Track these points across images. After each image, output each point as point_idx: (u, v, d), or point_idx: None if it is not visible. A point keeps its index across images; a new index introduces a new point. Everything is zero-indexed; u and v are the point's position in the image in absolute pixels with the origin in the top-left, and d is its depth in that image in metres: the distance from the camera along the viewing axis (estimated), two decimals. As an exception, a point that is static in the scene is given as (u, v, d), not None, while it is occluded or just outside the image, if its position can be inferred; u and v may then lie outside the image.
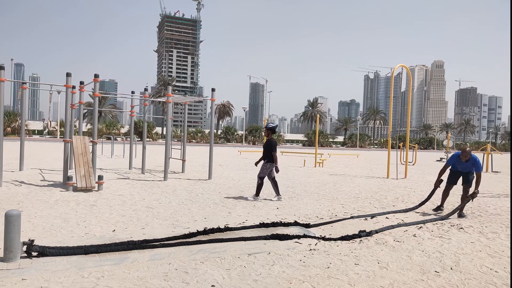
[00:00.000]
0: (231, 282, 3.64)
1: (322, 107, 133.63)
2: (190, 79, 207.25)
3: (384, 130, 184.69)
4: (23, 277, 3.55)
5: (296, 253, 4.60)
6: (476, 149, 79.42)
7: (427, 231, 5.84)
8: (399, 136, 46.16)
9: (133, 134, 15.82)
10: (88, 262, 4.01)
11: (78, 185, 8.62)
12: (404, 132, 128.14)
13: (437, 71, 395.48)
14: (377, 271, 4.05)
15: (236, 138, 75.56)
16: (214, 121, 21.83)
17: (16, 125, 58.45)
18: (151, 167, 15.04)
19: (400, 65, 14.90)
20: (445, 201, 7.74)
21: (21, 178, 10.41)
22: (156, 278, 3.67)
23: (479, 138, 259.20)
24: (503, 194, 10.60)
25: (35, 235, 4.93)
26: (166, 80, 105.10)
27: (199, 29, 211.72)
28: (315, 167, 18.59)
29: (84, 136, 10.06)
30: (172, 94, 12.52)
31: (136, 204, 7.44)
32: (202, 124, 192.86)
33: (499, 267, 4.28)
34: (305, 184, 11.69)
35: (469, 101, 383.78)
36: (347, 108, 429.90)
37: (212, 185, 10.70)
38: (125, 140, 33.61)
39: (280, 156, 29.79)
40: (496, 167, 21.26)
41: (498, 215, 7.36)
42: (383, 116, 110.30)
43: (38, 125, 76.87)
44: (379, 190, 10.59)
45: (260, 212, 7.02)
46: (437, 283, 3.76)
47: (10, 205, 6.71)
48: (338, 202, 8.41)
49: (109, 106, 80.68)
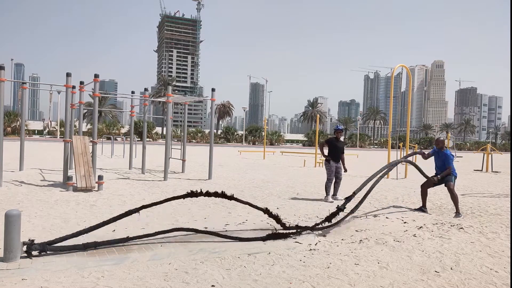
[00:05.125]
0: (231, 282, 3.64)
1: (322, 107, 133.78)
2: (190, 79, 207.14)
3: (384, 130, 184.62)
4: (23, 277, 3.55)
5: (296, 253, 4.60)
6: (476, 149, 79.43)
7: (427, 231, 5.84)
8: (399, 136, 46.21)
9: (133, 134, 15.81)
10: (88, 262, 4.01)
11: (78, 185, 8.62)
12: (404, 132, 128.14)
13: (437, 71, 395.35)
14: (377, 271, 4.05)
15: (236, 138, 75.57)
16: (214, 121, 21.84)
17: (16, 125, 58.48)
18: (151, 167, 15.04)
19: (400, 65, 14.90)
20: (426, 201, 7.67)
21: (21, 178, 10.41)
22: (156, 278, 3.67)
23: (479, 138, 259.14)
24: (503, 194, 10.60)
25: (35, 235, 4.93)
26: (166, 80, 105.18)
27: (199, 29, 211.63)
28: (315, 167, 18.59)
29: (84, 136, 10.06)
30: (172, 94, 12.53)
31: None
32: (202, 124, 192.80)
33: (499, 267, 4.28)
34: (305, 184, 11.69)
35: (469, 101, 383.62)
36: (347, 108, 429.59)
37: (212, 185, 10.70)
38: (125, 140, 33.60)
39: (280, 156, 29.80)
40: (496, 167, 21.26)
41: (498, 215, 7.36)
42: (383, 116, 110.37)
43: (38, 125, 76.84)
44: (379, 190, 10.58)
45: (260, 212, 7.01)
46: (437, 283, 3.76)
47: (10, 205, 6.70)
48: (338, 202, 8.40)
49: (109, 106, 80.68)
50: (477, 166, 21.63)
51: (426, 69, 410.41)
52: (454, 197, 7.20)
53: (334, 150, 8.63)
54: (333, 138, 8.81)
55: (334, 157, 8.62)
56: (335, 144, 8.66)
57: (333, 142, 8.71)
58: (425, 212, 7.43)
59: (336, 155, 8.62)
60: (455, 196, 7.20)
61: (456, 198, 7.21)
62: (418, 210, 7.54)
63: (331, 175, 8.58)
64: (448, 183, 7.24)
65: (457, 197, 7.25)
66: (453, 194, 7.20)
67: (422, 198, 7.66)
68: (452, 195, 7.22)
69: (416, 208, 7.70)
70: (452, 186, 7.23)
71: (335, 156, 8.62)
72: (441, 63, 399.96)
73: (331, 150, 8.68)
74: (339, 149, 8.67)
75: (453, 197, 7.21)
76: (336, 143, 8.68)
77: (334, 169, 8.59)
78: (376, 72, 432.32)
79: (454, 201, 7.23)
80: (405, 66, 15.15)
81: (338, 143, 8.70)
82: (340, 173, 8.67)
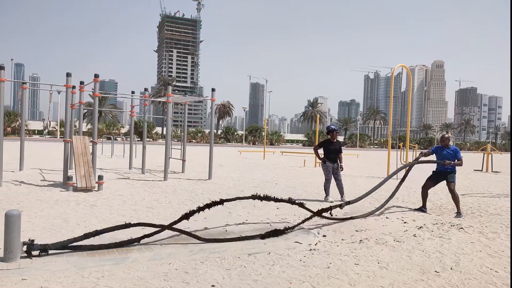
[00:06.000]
0: (231, 282, 3.64)
1: (322, 107, 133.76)
2: (190, 79, 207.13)
3: (384, 130, 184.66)
4: (23, 277, 3.55)
5: (296, 253, 4.60)
6: (476, 149, 79.39)
7: (427, 231, 5.84)
8: (399, 136, 46.21)
9: (133, 134, 15.81)
10: (88, 262, 4.01)
11: (78, 185, 8.62)
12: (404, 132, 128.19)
13: (437, 71, 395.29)
14: (377, 271, 4.05)
15: (236, 138, 75.60)
16: (214, 121, 21.84)
17: (16, 125, 58.52)
18: (151, 167, 15.04)
19: (400, 65, 14.90)
20: (426, 201, 7.67)
21: (21, 178, 10.41)
22: (156, 278, 3.67)
23: (479, 138, 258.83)
24: (503, 194, 10.60)
25: (35, 235, 4.93)
26: (166, 80, 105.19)
27: (199, 29, 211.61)
28: (315, 167, 18.59)
29: (84, 136, 10.06)
30: (172, 94, 12.52)
31: (136, 204, 7.44)
32: (202, 124, 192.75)
33: (499, 267, 4.28)
34: (305, 184, 11.69)
35: (469, 101, 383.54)
36: (347, 108, 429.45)
37: (212, 185, 10.70)
38: (125, 140, 33.59)
39: (280, 156, 29.80)
40: (496, 167, 21.25)
41: (498, 215, 7.36)
42: (383, 116, 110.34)
43: (38, 125, 76.87)
44: (379, 190, 10.57)
45: (260, 212, 7.02)
46: (437, 283, 3.76)
47: (10, 205, 6.70)
48: (338, 202, 8.39)
49: (109, 106, 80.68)
50: (477, 166, 21.62)
51: (426, 69, 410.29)
52: (455, 197, 7.20)
53: (329, 151, 8.59)
54: (326, 140, 8.75)
55: (329, 158, 8.58)
56: (328, 146, 8.61)
57: (326, 144, 8.65)
58: (425, 212, 7.43)
59: (331, 156, 8.57)
60: (456, 196, 7.20)
61: (457, 198, 7.21)
62: (418, 210, 7.54)
63: (328, 175, 8.58)
64: (450, 183, 7.24)
65: (458, 197, 7.24)
66: (454, 194, 7.20)
67: (423, 199, 7.66)
68: (453, 195, 7.22)
69: (416, 208, 7.70)
70: (453, 186, 7.23)
71: (330, 157, 8.58)
72: (441, 63, 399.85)
73: (326, 152, 8.64)
74: (334, 150, 8.59)
75: (454, 197, 7.21)
76: (330, 145, 8.61)
77: (331, 170, 8.58)
78: (376, 72, 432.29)
79: (455, 201, 7.23)
80: (405, 66, 15.15)
81: (332, 145, 8.62)
82: (338, 174, 8.62)
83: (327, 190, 8.64)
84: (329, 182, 8.60)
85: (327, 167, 8.58)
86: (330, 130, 8.81)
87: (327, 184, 8.62)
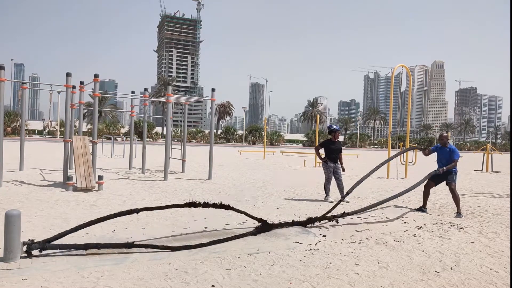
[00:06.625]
0: (231, 282, 3.64)
1: (322, 107, 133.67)
2: (190, 79, 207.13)
3: (384, 130, 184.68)
4: (23, 277, 3.55)
5: (296, 253, 4.60)
6: (476, 149, 79.39)
7: (427, 231, 5.84)
8: (399, 136, 46.21)
9: (133, 134, 15.82)
10: (88, 262, 4.01)
11: (78, 185, 8.62)
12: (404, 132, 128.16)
13: (437, 71, 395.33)
14: (377, 271, 4.05)
15: (236, 138, 75.61)
16: (214, 121, 21.84)
17: (16, 125, 58.54)
18: (151, 167, 15.04)
19: (400, 65, 14.90)
20: (427, 201, 7.67)
21: (21, 178, 10.41)
22: (156, 278, 3.67)
23: (479, 138, 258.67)
24: (503, 194, 10.60)
25: (35, 235, 4.92)
26: (166, 80, 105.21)
27: (199, 29, 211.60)
28: (315, 167, 18.59)
29: (84, 136, 10.06)
30: (172, 94, 12.53)
31: (136, 204, 7.44)
32: (202, 124, 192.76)
33: (499, 267, 4.28)
34: (305, 184, 11.70)
35: (469, 101, 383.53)
36: (347, 108, 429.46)
37: (212, 185, 10.70)
38: (125, 140, 33.58)
39: (280, 156, 29.80)
40: (496, 167, 21.26)
41: (498, 215, 7.36)
42: (383, 116, 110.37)
43: (38, 125, 76.92)
44: (379, 190, 10.59)
45: (260, 212, 7.02)
46: (437, 283, 3.76)
47: (10, 205, 6.71)
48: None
49: (109, 106, 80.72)
50: (477, 166, 21.63)
51: (426, 69, 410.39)
52: (456, 197, 7.19)
53: (330, 151, 8.61)
54: (327, 140, 8.77)
55: (330, 158, 8.60)
56: (330, 146, 8.63)
57: (328, 144, 8.67)
58: (425, 212, 7.42)
59: (332, 156, 8.60)
60: (456, 196, 7.19)
61: (457, 198, 7.20)
62: (418, 210, 7.54)
63: (329, 175, 8.59)
64: (450, 183, 7.24)
65: (458, 197, 7.24)
66: (454, 194, 7.20)
67: (424, 199, 7.66)
68: (453, 195, 7.22)
69: (416, 208, 7.70)
70: (454, 186, 7.23)
71: (331, 157, 8.60)
72: (441, 63, 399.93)
73: (327, 152, 8.66)
74: (335, 150, 8.62)
75: (454, 197, 7.21)
76: (331, 145, 8.63)
77: (332, 170, 8.59)
78: (376, 72, 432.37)
79: (455, 201, 7.22)
80: (405, 66, 15.16)
81: (334, 145, 8.65)
82: (339, 173, 8.64)
83: (327, 190, 8.64)
84: (329, 182, 8.61)
85: (328, 167, 8.59)
86: (332, 130, 8.83)
87: (328, 184, 8.62)
